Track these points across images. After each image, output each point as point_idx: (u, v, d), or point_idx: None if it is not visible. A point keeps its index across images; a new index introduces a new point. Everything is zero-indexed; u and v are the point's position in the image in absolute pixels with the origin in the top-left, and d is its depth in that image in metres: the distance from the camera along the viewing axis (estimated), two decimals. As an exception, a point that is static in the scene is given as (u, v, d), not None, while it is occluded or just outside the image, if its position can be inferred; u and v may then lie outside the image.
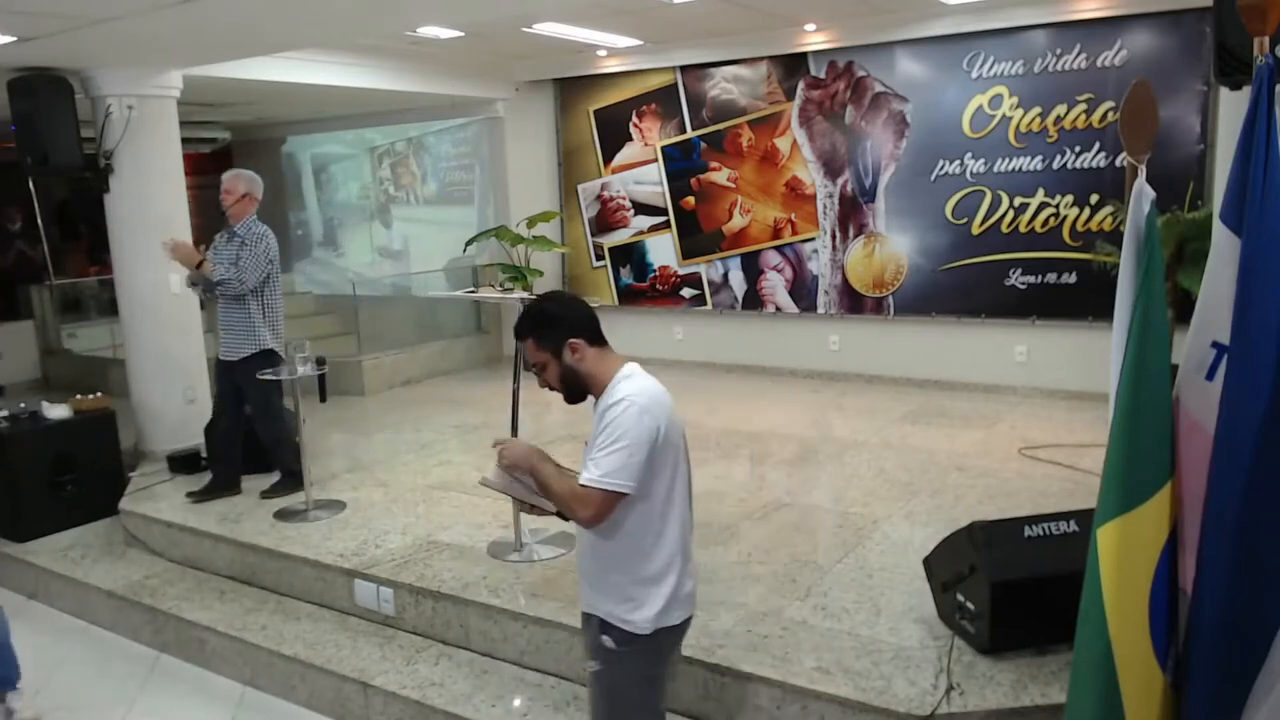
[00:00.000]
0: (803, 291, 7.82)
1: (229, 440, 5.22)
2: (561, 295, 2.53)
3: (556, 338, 2.32)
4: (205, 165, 10.56)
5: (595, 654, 2.41)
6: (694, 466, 2.56)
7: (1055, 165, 6.66)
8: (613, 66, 8.25)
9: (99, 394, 5.67)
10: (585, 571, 2.44)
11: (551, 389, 2.39)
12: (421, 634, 3.90)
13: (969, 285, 7.08)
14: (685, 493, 2.40)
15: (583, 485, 2.21)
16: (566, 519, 2.35)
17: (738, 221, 8.02)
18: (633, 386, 2.28)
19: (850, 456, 5.54)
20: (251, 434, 5.27)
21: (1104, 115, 6.44)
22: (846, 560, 3.96)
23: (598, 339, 2.36)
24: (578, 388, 2.36)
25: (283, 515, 4.81)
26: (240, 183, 5.00)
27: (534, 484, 2.35)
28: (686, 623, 2.43)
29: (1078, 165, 6.59)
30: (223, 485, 5.19)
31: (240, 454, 5.26)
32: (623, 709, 2.42)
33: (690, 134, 8.11)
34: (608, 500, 2.21)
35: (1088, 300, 6.57)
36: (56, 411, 5.40)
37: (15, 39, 4.82)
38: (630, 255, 8.63)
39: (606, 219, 8.71)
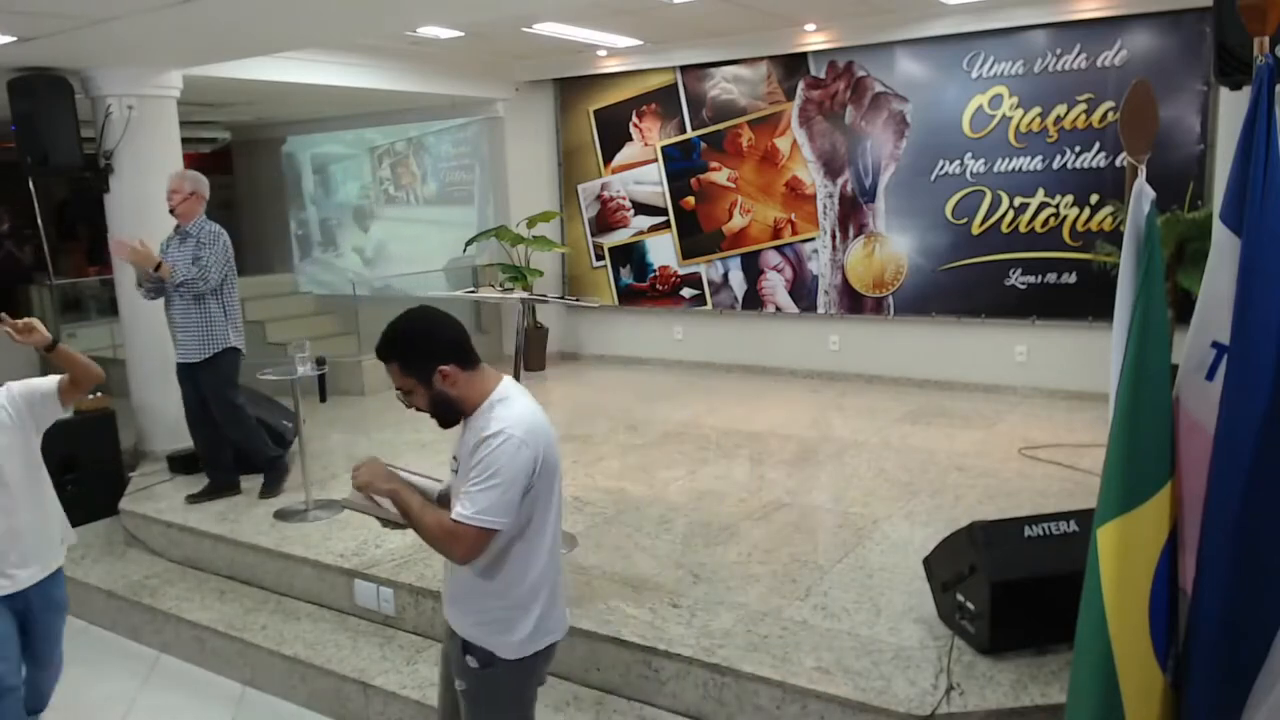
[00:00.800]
0: (803, 291, 7.82)
1: (216, 445, 5.17)
2: (429, 315, 2.24)
3: (426, 365, 2.14)
4: (205, 165, 10.53)
5: (461, 674, 2.29)
6: (694, 466, 2.56)
7: (1055, 165, 6.66)
8: (613, 66, 8.25)
9: (99, 394, 5.66)
10: (452, 592, 2.31)
11: (420, 410, 2.22)
12: (421, 634, 3.90)
13: (969, 285, 7.08)
14: (558, 515, 2.29)
15: (455, 521, 2.09)
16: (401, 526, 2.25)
17: (738, 221, 8.02)
18: (510, 415, 2.13)
19: (850, 456, 5.54)
20: None
21: (1104, 115, 6.44)
22: (846, 560, 3.96)
23: (470, 360, 2.19)
24: (450, 413, 2.21)
25: (282, 515, 4.80)
26: (186, 182, 4.94)
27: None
28: (555, 646, 2.36)
29: (1078, 165, 6.59)
30: (221, 488, 5.17)
31: (232, 455, 5.21)
32: None
33: (690, 134, 8.11)
34: (481, 538, 2.10)
35: (1088, 300, 6.57)
36: (56, 412, 5.39)
37: (15, 39, 4.83)
38: (630, 255, 8.63)
39: (606, 219, 8.71)
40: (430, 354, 2.15)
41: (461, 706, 2.34)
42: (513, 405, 2.17)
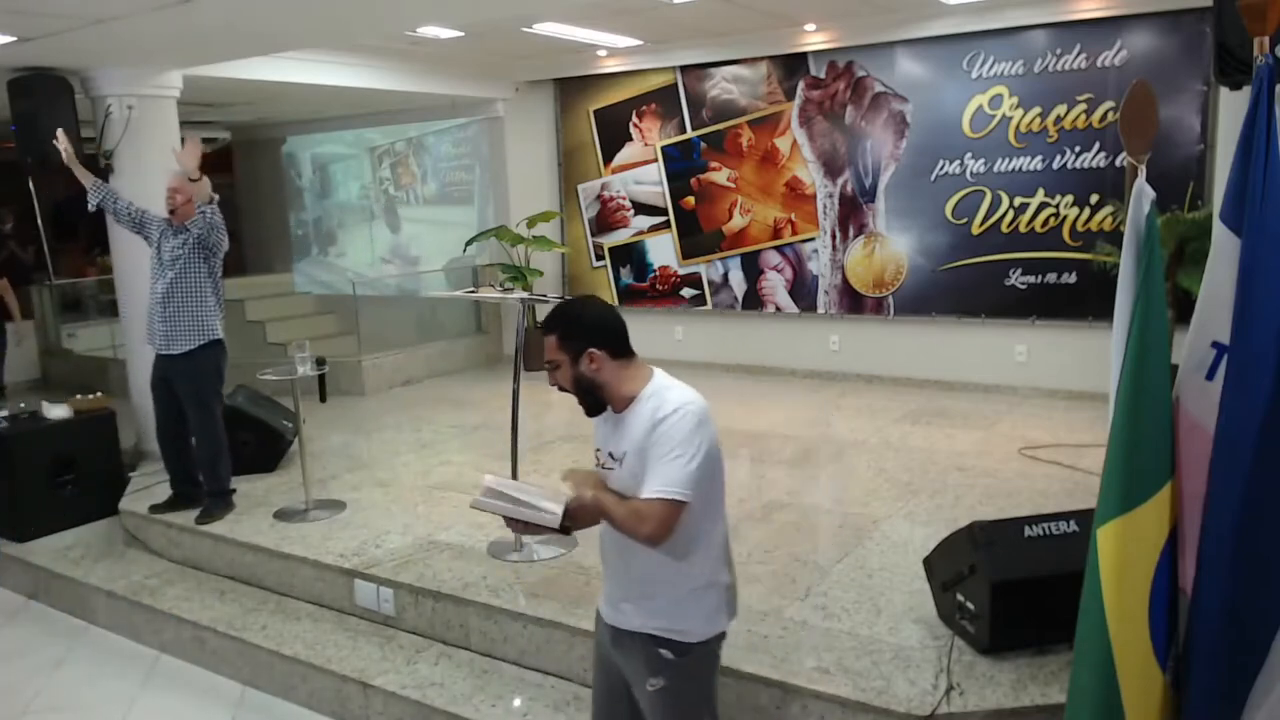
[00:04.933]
0: (803, 291, 7.82)
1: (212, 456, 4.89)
2: (595, 302, 2.40)
3: (578, 344, 2.24)
4: (205, 165, 10.52)
5: (655, 670, 2.28)
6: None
7: (1055, 165, 6.65)
8: (613, 66, 8.25)
9: (99, 394, 5.67)
10: (628, 591, 2.32)
11: (560, 389, 2.32)
12: (421, 634, 3.90)
13: (969, 285, 7.07)
14: (724, 497, 2.36)
15: (646, 500, 2.12)
16: (567, 533, 2.23)
17: (738, 221, 8.02)
18: (683, 395, 2.21)
19: (850, 456, 5.54)
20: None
21: (1104, 115, 6.44)
22: (846, 560, 3.96)
23: (622, 352, 2.27)
24: (592, 398, 2.28)
25: (282, 515, 4.80)
26: (190, 185, 4.74)
27: (528, 500, 2.21)
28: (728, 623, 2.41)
29: (1078, 165, 6.59)
30: (187, 502, 4.95)
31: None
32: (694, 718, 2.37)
33: (690, 134, 8.11)
34: (672, 512, 2.11)
35: (1088, 300, 6.57)
36: (56, 411, 5.39)
37: (15, 39, 4.83)
38: (630, 255, 8.63)
39: (606, 219, 8.71)
40: (586, 335, 2.24)
41: (658, 708, 2.32)
42: (682, 389, 2.24)
